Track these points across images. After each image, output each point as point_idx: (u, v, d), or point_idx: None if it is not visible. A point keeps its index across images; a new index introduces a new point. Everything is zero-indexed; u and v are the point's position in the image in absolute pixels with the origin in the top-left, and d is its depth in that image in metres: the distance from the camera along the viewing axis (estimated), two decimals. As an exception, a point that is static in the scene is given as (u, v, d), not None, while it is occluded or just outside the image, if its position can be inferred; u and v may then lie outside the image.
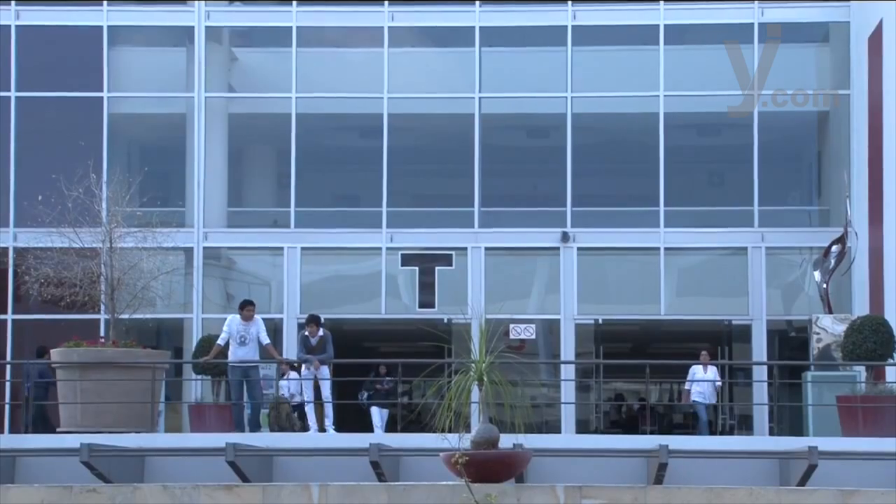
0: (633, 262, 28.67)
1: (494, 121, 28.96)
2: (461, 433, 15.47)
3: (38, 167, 26.54)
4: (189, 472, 17.31)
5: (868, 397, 21.30)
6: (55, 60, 28.66)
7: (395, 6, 28.81)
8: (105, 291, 20.80)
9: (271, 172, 29.80)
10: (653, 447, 17.35)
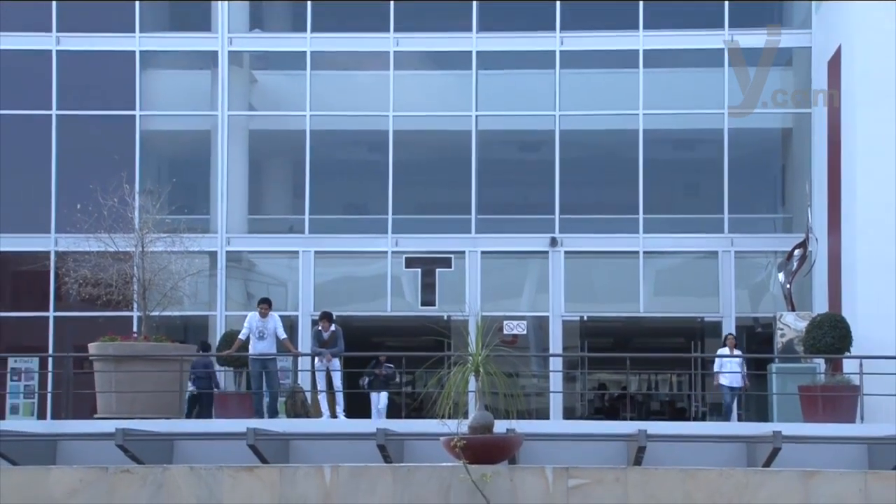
0: (615, 265, 28.67)
1: (490, 136, 29.01)
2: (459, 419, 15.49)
3: (76, 178, 26.55)
4: (213, 455, 17.31)
5: (827, 387, 21.34)
6: (92, 82, 28.71)
7: (400, 33, 28.84)
8: (137, 291, 20.85)
9: (288, 183, 29.80)
10: (632, 432, 17.41)
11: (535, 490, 15.31)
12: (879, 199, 24.08)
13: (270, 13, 30.47)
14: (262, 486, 15.59)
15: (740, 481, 15.49)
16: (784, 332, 24.45)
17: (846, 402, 20.87)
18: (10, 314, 28.52)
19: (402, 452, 17.65)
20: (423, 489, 15.36)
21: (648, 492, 15.32)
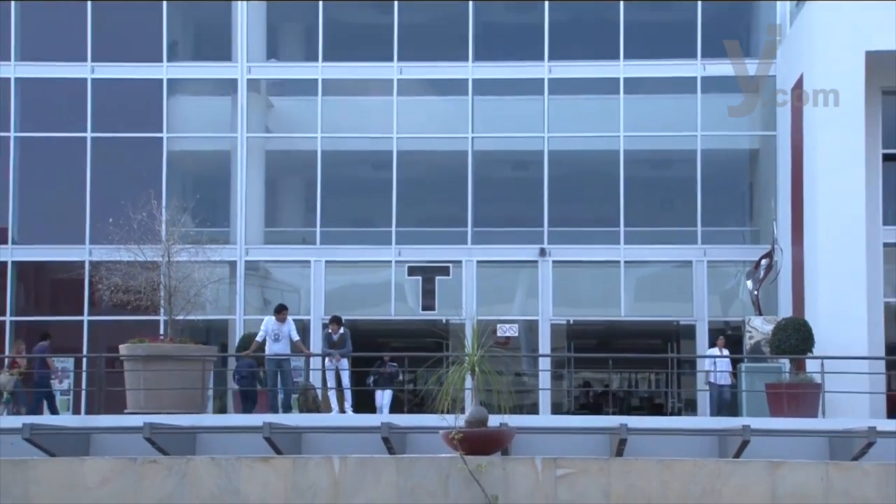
0: (599, 273, 28.66)
1: (484, 156, 29.01)
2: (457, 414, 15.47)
3: (108, 195, 26.53)
4: (233, 447, 17.28)
5: (791, 385, 21.34)
6: (123, 107, 28.72)
7: (403, 62, 28.88)
8: (164, 297, 20.81)
9: (300, 199, 29.81)
10: (614, 426, 17.36)
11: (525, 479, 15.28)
12: (838, 213, 24.08)
13: (285, 44, 30.51)
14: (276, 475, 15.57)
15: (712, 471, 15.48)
16: (752, 334, 24.42)
17: (809, 399, 20.85)
18: (49, 318, 28.52)
19: (405, 444, 17.64)
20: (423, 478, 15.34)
21: (629, 481, 15.30)
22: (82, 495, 15.51)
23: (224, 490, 15.44)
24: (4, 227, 28.62)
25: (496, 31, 29.50)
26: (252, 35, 29.27)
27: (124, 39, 28.87)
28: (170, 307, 20.71)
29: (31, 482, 15.67)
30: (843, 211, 23.98)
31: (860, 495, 15.10)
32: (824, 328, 22.90)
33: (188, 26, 30.24)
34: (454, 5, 29.02)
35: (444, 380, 15.87)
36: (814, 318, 23.42)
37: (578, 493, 15.18)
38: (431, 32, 29.60)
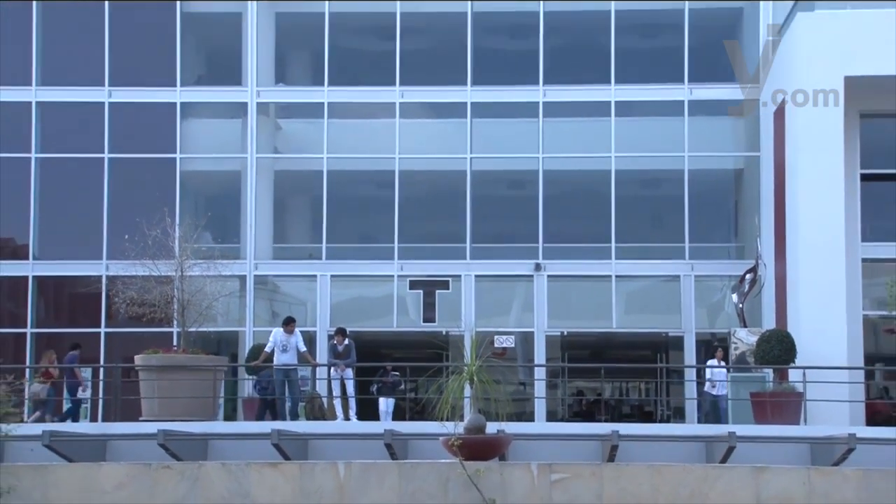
0: (591, 287, 28.65)
1: (482, 176, 29.02)
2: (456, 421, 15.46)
3: (124, 212, 26.55)
4: (242, 452, 17.26)
5: (775, 393, 21.34)
6: (138, 129, 28.74)
7: (405, 86, 28.92)
8: (177, 310, 20.79)
9: (307, 216, 29.83)
10: (606, 432, 17.33)
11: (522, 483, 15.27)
12: (819, 231, 24.10)
13: (293, 69, 30.56)
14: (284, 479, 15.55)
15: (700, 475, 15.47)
16: (737, 345, 24.43)
17: (791, 407, 20.83)
18: (67, 329, 28.49)
19: (407, 450, 17.60)
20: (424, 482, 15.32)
21: (621, 485, 15.28)
22: (99, 499, 15.50)
23: (234, 494, 15.42)
24: (25, 243, 28.65)
25: (493, 56, 29.57)
26: (261, 61, 29.30)
27: (140, 65, 28.90)
28: (183, 319, 20.69)
29: (50, 486, 15.66)
30: (824, 228, 23.99)
31: (840, 499, 15.08)
32: (806, 340, 22.89)
33: (201, 53, 30.31)
34: (453, 33, 29.08)
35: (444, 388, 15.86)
36: (796, 330, 23.41)
37: (572, 496, 15.17)
38: (432, 58, 29.65)
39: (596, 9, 28.85)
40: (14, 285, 28.59)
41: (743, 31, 29.11)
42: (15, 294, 28.60)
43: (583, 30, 29.46)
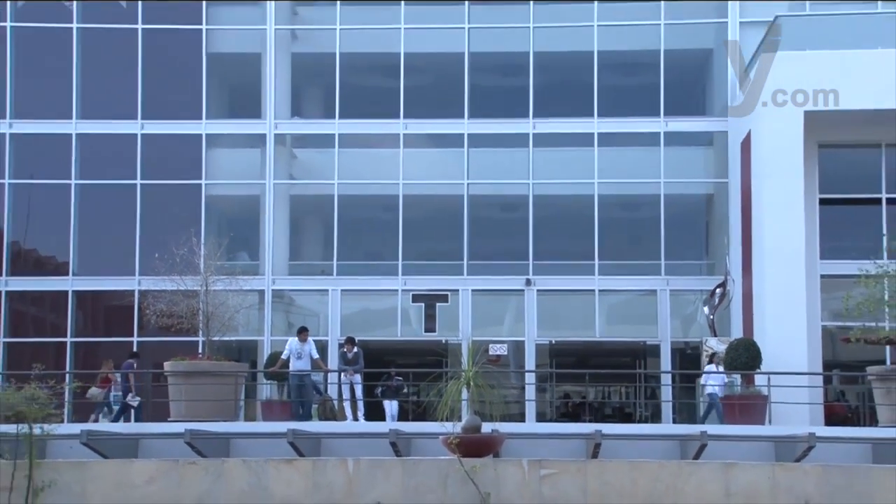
0: (577, 300, 28.63)
1: (478, 200, 29.02)
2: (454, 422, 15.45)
3: (155, 233, 26.54)
4: (261, 450, 17.24)
5: (742, 396, 21.36)
6: (168, 158, 28.74)
7: (408, 119, 28.94)
8: (202, 321, 20.80)
9: (320, 236, 29.80)
10: (591, 432, 17.30)
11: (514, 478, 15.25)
12: (782, 249, 24.14)
13: (307, 104, 30.58)
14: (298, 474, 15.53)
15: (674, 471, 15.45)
16: (708, 353, 24.42)
17: (757, 409, 20.84)
18: (103, 339, 28.52)
19: (410, 448, 17.57)
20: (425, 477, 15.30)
21: (603, 479, 15.27)
22: (131, 493, 15.48)
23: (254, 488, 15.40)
24: (66, 260, 28.64)
25: (488, 92, 29.60)
26: (279, 96, 29.33)
27: (169, 100, 28.92)
28: (207, 329, 20.71)
29: (87, 481, 15.64)
30: (786, 247, 24.03)
31: (802, 492, 15.07)
32: (770, 348, 22.90)
33: (224, 89, 30.33)
34: (452, 71, 29.11)
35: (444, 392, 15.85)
36: (761, 339, 23.42)
37: (560, 490, 15.15)
38: (432, 94, 29.66)
39: (580, 49, 28.88)
40: (56, 299, 28.58)
41: (713, 70, 29.15)
42: (56, 307, 28.58)
43: (568, 68, 29.49)
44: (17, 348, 28.00)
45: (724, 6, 28.63)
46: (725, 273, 26.58)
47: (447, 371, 18.30)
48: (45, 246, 28.96)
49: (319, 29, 29.73)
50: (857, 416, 24.00)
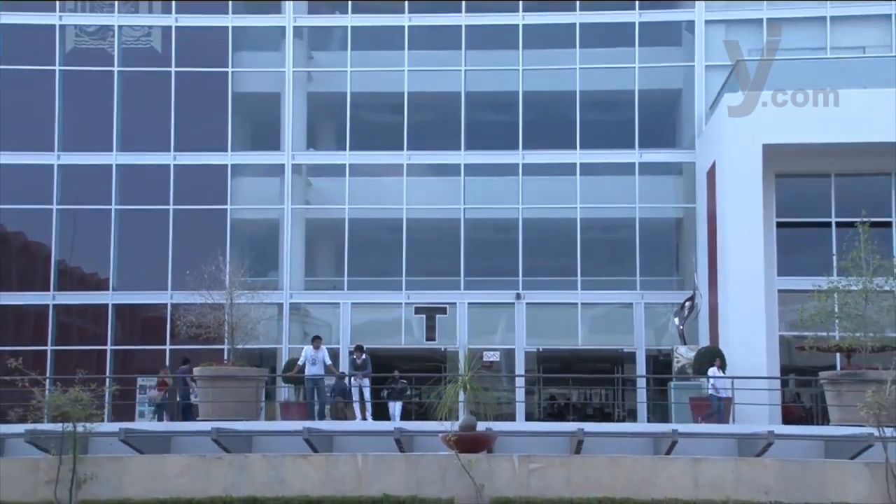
0: (561, 312, 28.60)
1: (473, 223, 29.04)
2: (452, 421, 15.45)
3: (185, 252, 26.61)
4: (280, 446, 17.22)
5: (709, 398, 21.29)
6: (197, 185, 28.71)
7: (411, 151, 29.00)
8: (227, 331, 20.78)
9: (332, 255, 29.79)
10: (574, 430, 17.31)
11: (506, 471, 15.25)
12: (743, 267, 24.15)
13: (321, 137, 30.62)
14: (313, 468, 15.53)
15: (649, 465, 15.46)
16: (679, 359, 24.43)
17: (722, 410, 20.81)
18: (139, 347, 28.50)
19: (412, 445, 17.57)
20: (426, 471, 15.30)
21: (585, 473, 15.27)
22: (164, 485, 15.47)
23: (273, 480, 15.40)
24: (106, 277, 28.64)
25: (482, 127, 29.65)
26: (296, 130, 29.41)
27: (198, 134, 28.98)
28: (232, 338, 20.69)
29: (124, 474, 15.64)
30: (747, 265, 24.05)
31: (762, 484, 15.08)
32: (734, 355, 22.93)
33: (246, 124, 30.40)
34: (450, 108, 29.18)
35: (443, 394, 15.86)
36: (726, 347, 23.44)
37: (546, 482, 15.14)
38: (432, 128, 29.72)
39: (564, 89, 28.97)
40: (97, 311, 28.58)
41: (681, 107, 29.26)
42: (97, 318, 28.58)
43: (553, 106, 29.57)
44: (63, 355, 27.97)
45: (690, 51, 28.75)
46: (694, 288, 26.60)
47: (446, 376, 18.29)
48: (88, 264, 28.95)
49: (332, 71, 29.81)
50: (811, 415, 23.97)
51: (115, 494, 15.39)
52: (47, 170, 28.59)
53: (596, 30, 29.04)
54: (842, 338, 19.38)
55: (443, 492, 15.05)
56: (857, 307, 18.74)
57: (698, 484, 15.02)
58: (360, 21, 29.44)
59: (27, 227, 28.83)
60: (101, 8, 29.38)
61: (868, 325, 18.70)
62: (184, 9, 29.20)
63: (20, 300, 28.48)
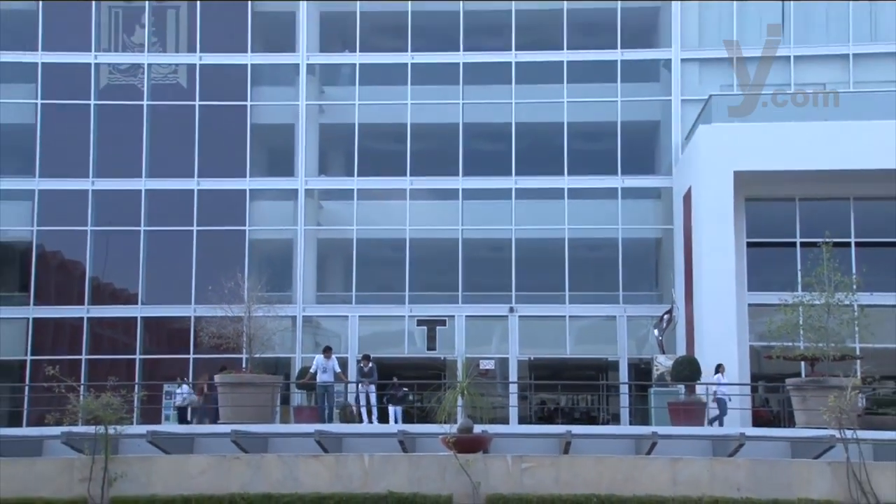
0: (551, 324, 28.58)
1: (470, 243, 29.01)
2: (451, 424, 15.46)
3: (207, 270, 26.60)
4: (293, 447, 17.24)
5: (686, 402, 21.30)
6: (218, 209, 28.68)
7: (414, 177, 29.04)
8: (245, 341, 20.77)
9: (342, 272, 29.76)
10: (563, 432, 17.35)
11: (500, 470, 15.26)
12: (717, 283, 24.19)
13: (332, 164, 30.65)
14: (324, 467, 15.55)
15: (631, 464, 15.48)
16: (658, 367, 24.40)
17: (698, 413, 20.81)
18: (165, 356, 28.44)
19: (415, 446, 17.59)
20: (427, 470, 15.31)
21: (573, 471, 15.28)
22: (187, 482, 15.49)
23: (287, 478, 15.41)
24: (136, 292, 28.66)
25: (478, 155, 29.69)
26: (308, 158, 29.48)
27: (219, 162, 29.00)
28: (249, 348, 20.68)
29: (151, 472, 15.65)
30: (720, 281, 24.09)
31: (734, 481, 15.10)
32: (708, 363, 22.90)
33: (263, 152, 30.48)
34: (449, 138, 29.21)
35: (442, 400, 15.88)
36: (701, 356, 23.41)
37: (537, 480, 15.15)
38: (433, 156, 29.73)
39: (553, 120, 29.05)
40: (127, 323, 28.56)
41: (660, 138, 29.36)
42: (127, 330, 28.57)
43: (543, 136, 29.63)
44: (96, 364, 27.92)
45: (667, 86, 28.89)
46: (672, 302, 26.62)
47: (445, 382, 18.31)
48: (119, 280, 28.95)
49: (342, 104, 29.88)
50: (778, 419, 23.93)
51: (142, 491, 15.40)
52: (83, 195, 28.66)
53: (582, 67, 29.16)
54: (806, 348, 19.42)
55: (442, 489, 15.06)
56: (819, 320, 18.81)
57: (676, 481, 15.03)
58: (366, 59, 29.55)
59: (64, 247, 28.85)
60: (132, 47, 29.52)
61: (830, 336, 18.78)
62: (207, 48, 29.33)
63: (57, 313, 28.48)
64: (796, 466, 15.47)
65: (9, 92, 29.16)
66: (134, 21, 29.45)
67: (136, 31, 29.44)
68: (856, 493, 14.72)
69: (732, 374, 22.94)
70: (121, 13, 29.47)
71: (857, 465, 14.84)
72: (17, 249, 28.81)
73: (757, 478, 15.07)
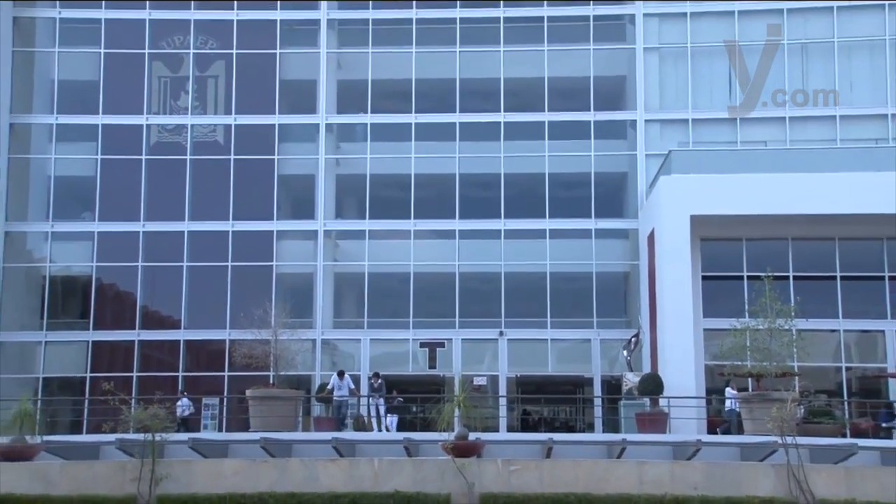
0: (535, 346, 28.53)
1: (466, 276, 29.03)
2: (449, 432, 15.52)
3: (241, 299, 26.66)
4: (312, 452, 17.25)
5: (650, 413, 21.35)
6: (249, 247, 28.74)
7: (417, 219, 29.16)
8: (272, 361, 20.85)
9: (356, 301, 29.77)
10: (545, 439, 17.37)
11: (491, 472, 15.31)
12: (676, 310, 24.26)
13: (346, 208, 30.70)
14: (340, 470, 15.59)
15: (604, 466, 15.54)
16: (627, 383, 24.41)
17: (661, 422, 20.85)
18: (203, 374, 28.42)
19: (418, 451, 17.62)
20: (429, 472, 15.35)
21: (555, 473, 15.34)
22: (222, 482, 15.52)
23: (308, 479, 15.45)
24: (179, 318, 28.71)
25: (472, 201, 29.77)
26: (326, 203, 29.57)
27: (251, 206, 29.14)
28: (276, 367, 20.75)
29: (191, 474, 15.70)
30: (680, 309, 24.16)
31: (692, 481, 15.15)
32: (670, 379, 22.95)
33: (289, 198, 30.63)
34: (447, 185, 29.29)
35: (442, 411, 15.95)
36: (664, 373, 23.47)
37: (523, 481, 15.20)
38: (433, 202, 29.77)
39: (536, 171, 29.23)
40: (171, 346, 28.59)
41: (627, 186, 29.57)
42: (171, 351, 28.60)
43: (528, 184, 29.74)
44: (145, 380, 27.91)
45: (633, 143, 29.17)
46: (638, 327, 26.69)
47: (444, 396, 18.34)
48: (165, 308, 29.00)
49: (356, 157, 30.11)
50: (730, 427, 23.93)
51: (184, 490, 15.44)
52: (134, 235, 28.79)
53: (560, 126, 29.44)
54: (753, 366, 19.53)
55: (442, 489, 15.10)
56: (764, 342, 18.97)
57: (643, 481, 15.09)
58: (377, 119, 29.85)
59: (118, 280, 28.97)
60: (178, 111, 29.88)
61: (773, 356, 18.91)
62: (241, 110, 29.64)
63: (112, 337, 28.51)
64: (745, 468, 15.54)
65: (74, 149, 29.47)
66: (180, 88, 29.82)
67: (182, 96, 29.81)
68: (795, 490, 14.81)
69: (689, 388, 22.99)
70: (169, 82, 29.88)
71: (797, 467, 14.93)
72: (79, 282, 28.95)
73: (712, 478, 15.14)
